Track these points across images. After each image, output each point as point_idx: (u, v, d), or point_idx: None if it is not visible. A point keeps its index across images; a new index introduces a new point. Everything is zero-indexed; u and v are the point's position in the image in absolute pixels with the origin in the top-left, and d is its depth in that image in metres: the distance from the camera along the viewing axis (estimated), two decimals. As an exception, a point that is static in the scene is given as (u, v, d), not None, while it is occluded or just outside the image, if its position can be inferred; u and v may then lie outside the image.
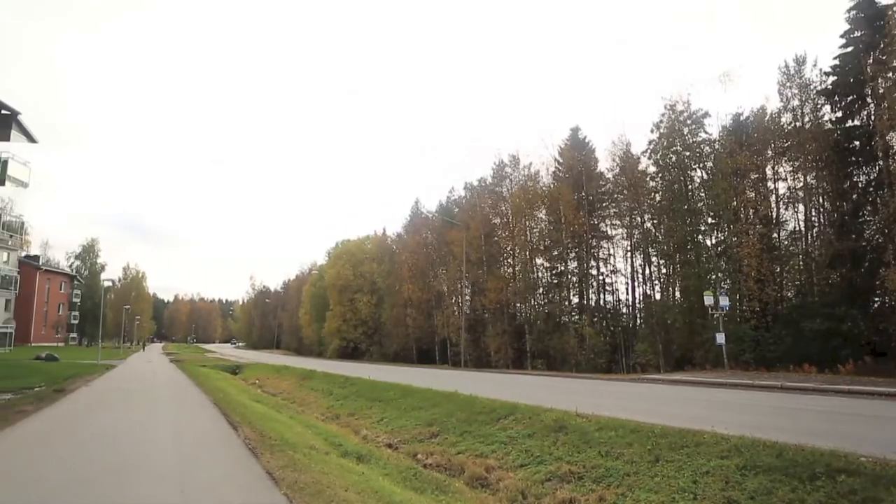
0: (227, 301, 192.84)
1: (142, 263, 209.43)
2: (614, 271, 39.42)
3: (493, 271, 43.48)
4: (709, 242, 32.28)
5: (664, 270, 35.83)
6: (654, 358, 31.19)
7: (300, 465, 7.09)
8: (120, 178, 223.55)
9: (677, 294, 34.23)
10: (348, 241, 72.33)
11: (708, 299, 26.12)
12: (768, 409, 12.99)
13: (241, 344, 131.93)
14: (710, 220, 32.04)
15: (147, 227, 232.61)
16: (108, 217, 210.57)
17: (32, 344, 55.64)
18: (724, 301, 25.78)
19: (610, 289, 39.66)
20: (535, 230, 42.44)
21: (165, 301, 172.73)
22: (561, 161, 41.24)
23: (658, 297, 35.59)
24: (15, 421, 9.91)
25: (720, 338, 24.62)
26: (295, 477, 6.31)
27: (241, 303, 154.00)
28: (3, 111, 27.99)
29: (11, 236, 29.89)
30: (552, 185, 40.91)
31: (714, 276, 30.06)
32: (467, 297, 46.32)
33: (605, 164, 39.54)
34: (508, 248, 44.14)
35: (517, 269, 42.87)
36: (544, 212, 41.60)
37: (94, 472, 6.44)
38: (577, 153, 40.31)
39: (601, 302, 39.19)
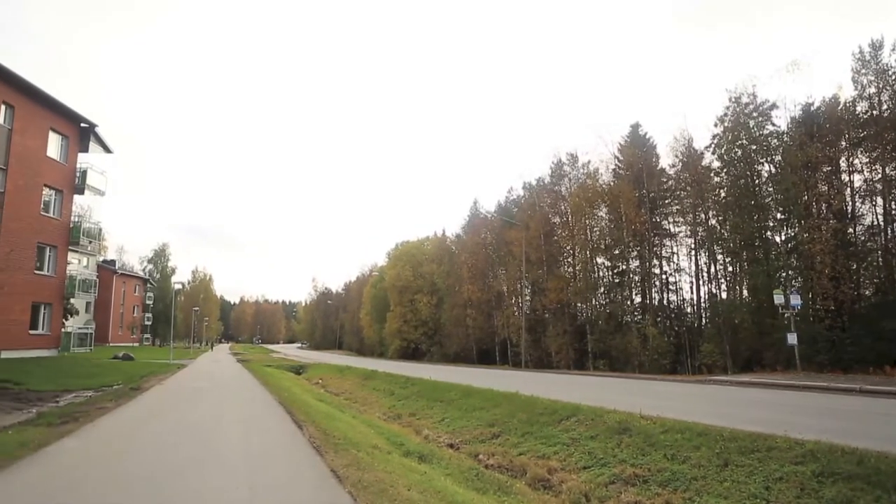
0: (290, 303, 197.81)
1: (209, 266, 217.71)
2: (678, 270, 38.35)
3: (553, 271, 43.03)
4: (778, 239, 31.07)
5: (730, 268, 34.65)
6: (720, 359, 30.23)
7: (364, 464, 7.18)
8: (188, 186, 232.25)
9: (745, 293, 33.03)
10: (408, 243, 72.85)
11: (778, 298, 25.08)
12: (845, 414, 12.38)
13: (304, 344, 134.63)
14: (779, 215, 30.84)
15: (213, 231, 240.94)
16: (177, 222, 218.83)
17: (110, 344, 58.34)
18: (796, 300, 24.66)
19: (673, 288, 38.65)
20: (595, 229, 41.80)
21: (232, 303, 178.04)
22: (621, 158, 40.52)
23: (724, 295, 34.49)
24: (96, 417, 10.40)
25: (792, 338, 23.58)
26: (359, 476, 6.39)
27: (303, 304, 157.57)
28: (83, 124, 29.55)
29: (90, 242, 31.30)
30: (612, 183, 40.24)
31: (784, 274, 28.92)
32: (527, 297, 46.02)
33: (667, 160, 38.72)
34: (568, 248, 43.58)
35: (577, 268, 42.31)
36: (604, 210, 40.88)
37: (169, 467, 6.70)
38: (637, 150, 39.48)
39: (664, 301, 38.21)
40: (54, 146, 27.79)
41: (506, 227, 47.37)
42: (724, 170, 33.33)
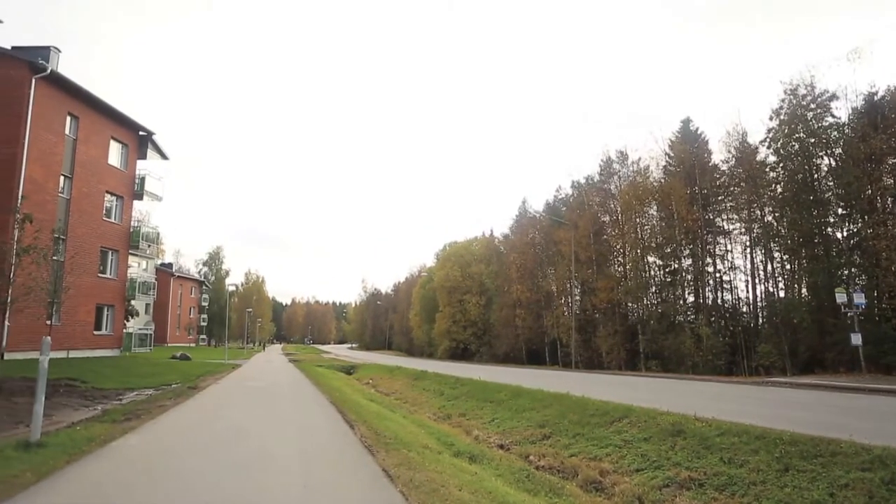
0: (340, 304, 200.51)
1: (261, 269, 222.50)
2: (732, 268, 37.21)
3: (603, 270, 42.49)
4: (839, 235, 29.86)
5: (788, 266, 33.48)
6: (778, 360, 29.26)
7: (414, 464, 7.20)
8: (241, 190, 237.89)
9: (804, 291, 31.85)
10: (456, 243, 73.00)
11: (840, 297, 24.06)
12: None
13: (354, 345, 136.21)
14: (840, 210, 29.63)
15: (266, 234, 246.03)
16: (230, 226, 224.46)
17: (168, 344, 60.27)
18: (860, 298, 23.60)
19: (728, 287, 37.46)
20: (645, 227, 41.10)
21: (283, 304, 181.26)
22: (671, 155, 39.71)
23: (782, 294, 33.34)
24: (157, 414, 10.73)
25: (855, 339, 22.58)
26: (410, 475, 6.42)
27: (353, 305, 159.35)
28: (141, 132, 30.65)
29: (149, 246, 32.41)
30: (663, 180, 39.48)
31: (847, 272, 27.81)
32: (577, 297, 45.55)
33: (720, 155, 37.64)
34: (618, 247, 42.97)
35: (628, 267, 41.61)
36: (655, 208, 40.18)
37: (226, 463, 6.86)
38: (688, 146, 38.57)
39: (719, 300, 37.16)
40: (115, 154, 28.91)
41: (554, 227, 47.00)
42: (781, 164, 32.22)
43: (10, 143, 22.02)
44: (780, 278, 34.15)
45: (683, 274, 38.11)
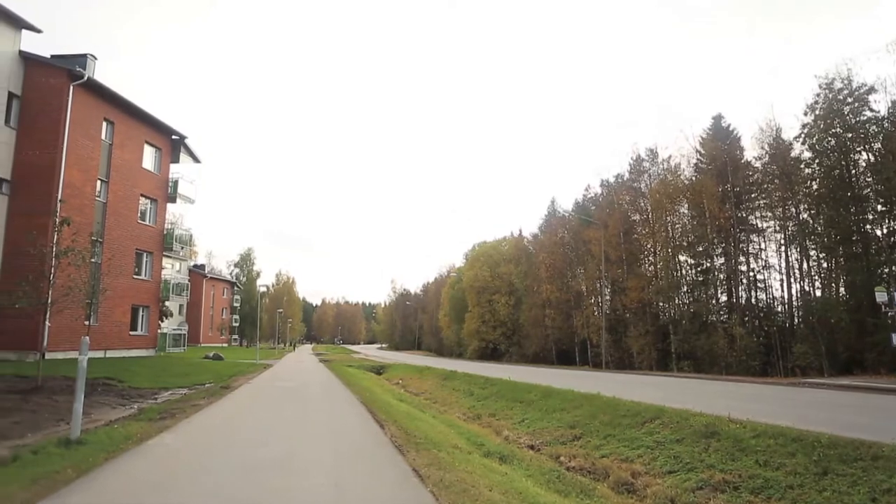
0: (369, 304, 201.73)
1: (292, 269, 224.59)
2: (766, 267, 36.45)
3: (634, 270, 42.04)
4: (879, 232, 29.11)
5: (825, 265, 32.73)
6: (815, 360, 28.61)
7: (445, 464, 7.21)
8: (271, 192, 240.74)
9: (842, 290, 31.11)
10: (485, 243, 72.89)
11: (880, 296, 23.38)
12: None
13: (384, 345, 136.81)
14: (879, 207, 28.87)
15: (295, 235, 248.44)
16: (261, 227, 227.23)
17: (201, 344, 61.24)
18: (901, 297, 23.00)
19: (762, 286, 36.65)
20: (676, 226, 40.51)
21: (314, 305, 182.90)
22: (703, 152, 39.10)
23: (818, 293, 32.58)
24: (191, 413, 10.91)
25: (897, 338, 21.99)
26: (440, 475, 6.42)
27: (382, 305, 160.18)
28: (174, 136, 31.24)
29: (182, 248, 32.99)
30: (694, 178, 38.91)
31: (887, 270, 27.05)
32: (607, 297, 45.14)
33: (752, 152, 36.90)
34: (649, 246, 42.47)
35: (659, 266, 41.10)
36: (686, 206, 39.57)
37: (259, 461, 6.95)
38: (720, 143, 37.90)
39: (752, 300, 36.43)
40: (149, 158, 29.51)
41: (584, 226, 46.68)
42: (816, 160, 31.52)
43: (50, 148, 22.63)
44: (816, 277, 33.40)
45: (716, 273, 37.49)
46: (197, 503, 5.23)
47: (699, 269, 38.78)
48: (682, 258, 40.04)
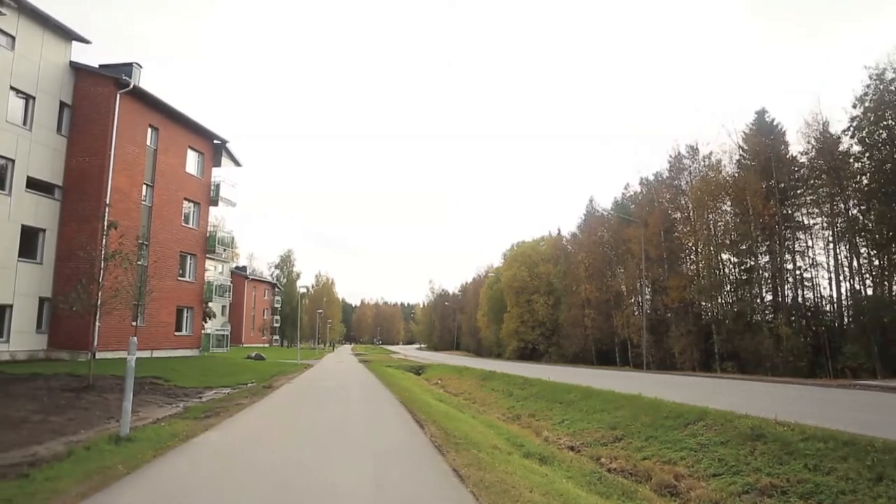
0: (408, 304, 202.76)
1: (331, 271, 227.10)
2: (814, 265, 35.38)
3: (675, 268, 41.36)
4: (934, 228, 27.99)
5: (876, 262, 31.58)
6: (867, 361, 27.64)
7: (484, 464, 7.19)
8: (310, 194, 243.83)
9: (895, 289, 30.06)
10: (523, 243, 72.65)
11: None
12: None
13: (422, 345, 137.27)
14: (935, 202, 27.78)
15: (334, 236, 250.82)
16: (300, 229, 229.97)
17: (243, 344, 62.47)
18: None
19: (809, 284, 35.61)
20: (719, 223, 39.71)
21: (353, 305, 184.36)
22: (745, 148, 38.18)
23: (870, 292, 31.47)
24: (234, 412, 11.12)
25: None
26: (480, 475, 6.41)
27: (421, 306, 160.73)
28: (216, 141, 31.94)
29: (224, 250, 33.69)
30: (736, 175, 38.07)
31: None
32: (647, 297, 44.49)
33: (798, 147, 35.84)
34: (690, 244, 41.67)
35: (701, 265, 40.29)
36: (729, 203, 38.78)
37: (300, 460, 7.06)
38: (763, 138, 36.94)
39: (799, 299, 35.41)
40: (192, 162, 30.25)
41: (623, 225, 46.13)
42: (867, 154, 30.44)
43: (98, 155, 23.39)
44: (867, 275, 32.28)
45: (760, 271, 36.60)
46: (241, 499, 5.33)
47: (743, 267, 37.92)
48: (724, 256, 39.23)
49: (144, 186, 26.21)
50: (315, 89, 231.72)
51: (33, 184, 22.14)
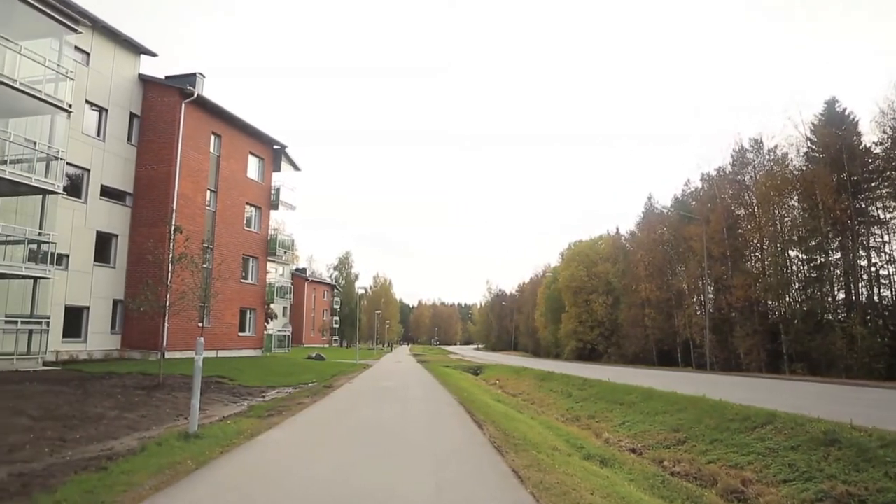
0: (465, 305, 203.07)
1: (388, 272, 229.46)
2: (891, 261, 33.63)
3: (739, 266, 40.02)
4: None
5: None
6: (950, 362, 26.16)
7: (544, 466, 7.12)
8: (367, 195, 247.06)
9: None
10: (580, 242, 71.96)
11: None
12: None
13: (480, 346, 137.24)
14: None
15: (391, 238, 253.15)
16: (357, 230, 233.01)
17: (304, 345, 63.72)
18: None
19: (886, 282, 33.91)
20: (786, 219, 38.25)
21: (410, 306, 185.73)
22: (814, 139, 36.63)
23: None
24: (297, 411, 11.35)
25: None
26: (540, 477, 6.35)
27: (478, 306, 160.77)
28: (275, 146, 32.74)
29: (285, 252, 34.51)
30: (804, 168, 36.61)
31: None
32: (710, 296, 43.27)
33: (872, 137, 34.10)
34: (755, 241, 40.26)
35: (767, 262, 38.89)
36: (796, 198, 37.32)
37: (362, 459, 7.15)
38: (833, 129, 35.31)
39: (875, 297, 33.75)
40: (253, 167, 31.10)
41: (684, 222, 45.00)
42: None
43: (165, 162, 24.34)
44: (950, 271, 30.50)
45: (831, 269, 35.05)
46: (305, 496, 5.43)
47: (812, 264, 36.39)
48: (792, 253, 37.75)
49: (208, 192, 27.08)
50: (368, 91, 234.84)
51: (106, 191, 23.24)
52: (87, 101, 22.19)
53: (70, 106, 18.30)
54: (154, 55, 25.32)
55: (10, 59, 16.57)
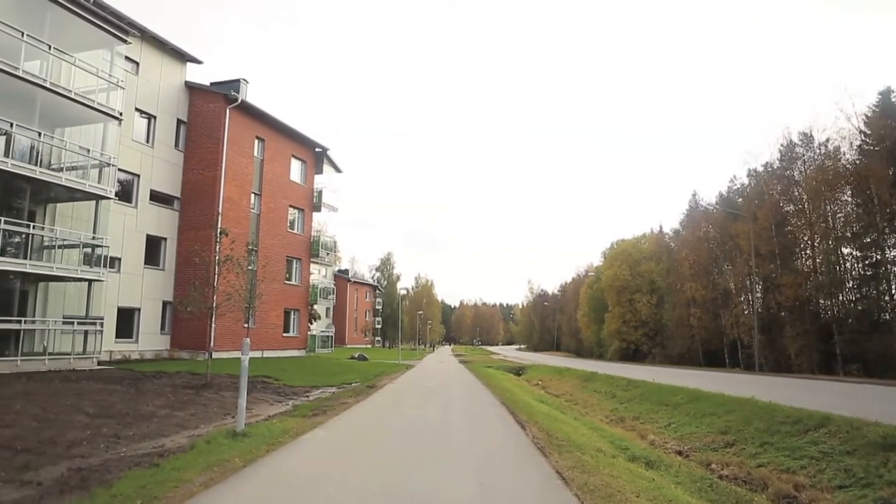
0: (507, 305, 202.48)
1: (430, 272, 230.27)
2: (952, 257, 32.29)
3: (788, 264, 38.86)
4: None
5: None
6: None
7: (588, 467, 7.04)
8: (409, 196, 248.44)
9: None
10: (623, 241, 71.09)
11: None
12: None
13: (522, 346, 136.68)
14: None
15: (433, 238, 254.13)
16: (399, 231, 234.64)
17: (347, 345, 64.47)
18: None
19: (948, 280, 32.54)
20: (838, 215, 37.00)
21: (452, 306, 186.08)
22: (868, 132, 35.35)
23: None
24: (340, 411, 11.48)
25: None
26: (584, 479, 6.28)
27: (520, 306, 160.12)
28: (317, 149, 33.23)
29: (328, 254, 35.03)
30: (858, 162, 35.32)
31: None
32: (758, 295, 42.15)
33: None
34: (805, 238, 39.05)
35: (818, 260, 37.70)
36: (849, 193, 36.06)
37: (405, 458, 7.21)
38: (889, 120, 34.00)
39: (936, 296, 32.41)
40: (295, 170, 31.64)
41: (730, 220, 43.93)
42: None
43: (211, 167, 24.96)
44: None
45: (888, 266, 33.76)
46: (349, 494, 5.50)
47: (867, 262, 35.12)
48: (845, 250, 36.52)
49: (252, 195, 27.65)
50: (407, 92, 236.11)
51: (155, 196, 23.97)
52: (137, 109, 22.92)
53: (121, 114, 18.97)
54: (199, 62, 26.04)
55: (66, 70, 17.29)
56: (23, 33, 15.49)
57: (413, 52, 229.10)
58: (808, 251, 39.28)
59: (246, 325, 23.46)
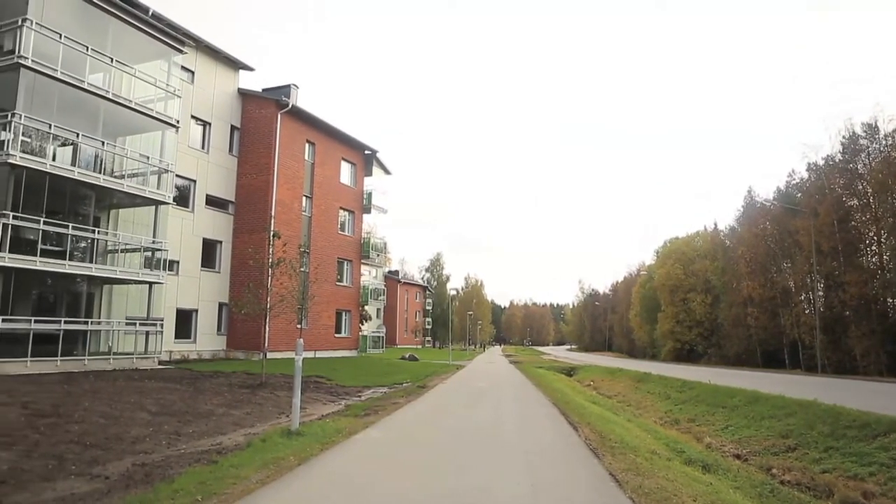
0: (557, 305, 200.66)
1: (479, 273, 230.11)
2: None
3: (852, 262, 37.29)
4: None
5: None
6: None
7: (643, 470, 6.93)
8: (458, 196, 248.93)
9: None
10: (676, 239, 69.64)
11: None
12: None
13: (573, 346, 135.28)
14: None
15: (482, 239, 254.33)
16: (448, 232, 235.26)
17: (397, 346, 64.91)
18: None
19: None
20: (906, 209, 35.36)
21: (502, 307, 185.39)
22: (940, 121, 33.73)
23: None
24: (392, 411, 11.62)
25: None
26: (639, 481, 6.19)
27: (570, 306, 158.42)
28: (366, 151, 33.61)
29: (378, 255, 35.39)
30: (928, 152, 33.71)
31: None
32: (820, 293, 40.58)
33: None
34: (871, 234, 37.42)
35: (885, 257, 36.08)
36: (919, 186, 34.43)
37: (456, 458, 7.25)
38: (961, 110, 32.48)
39: None
40: (345, 173, 32.06)
41: (788, 216, 42.47)
42: None
43: (264, 171, 25.54)
44: None
45: (962, 262, 32.11)
46: (402, 493, 5.56)
47: (940, 257, 33.46)
48: (915, 247, 34.87)
49: (304, 198, 28.16)
50: (457, 93, 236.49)
51: (211, 201, 24.69)
52: (193, 117, 23.65)
53: (178, 122, 19.59)
54: (251, 69, 26.66)
55: (127, 81, 17.99)
56: (87, 48, 16.21)
57: (460, 55, 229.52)
58: (873, 247, 37.62)
59: (299, 326, 23.92)
